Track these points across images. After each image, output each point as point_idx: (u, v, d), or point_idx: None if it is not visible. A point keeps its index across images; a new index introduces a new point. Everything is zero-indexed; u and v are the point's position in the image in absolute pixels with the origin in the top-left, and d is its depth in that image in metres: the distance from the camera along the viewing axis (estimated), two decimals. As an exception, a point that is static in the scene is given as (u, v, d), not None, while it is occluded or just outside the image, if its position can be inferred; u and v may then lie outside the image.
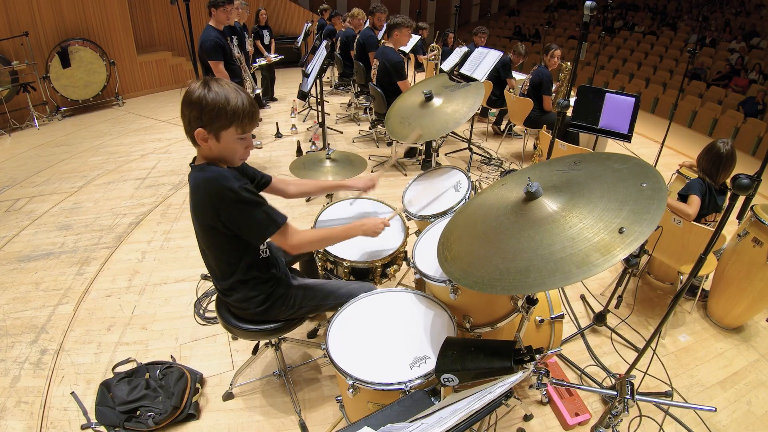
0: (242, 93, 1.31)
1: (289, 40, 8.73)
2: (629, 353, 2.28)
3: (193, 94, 1.26)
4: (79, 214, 3.56)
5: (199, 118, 1.28)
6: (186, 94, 1.29)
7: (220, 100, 1.26)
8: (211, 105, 1.25)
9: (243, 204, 1.32)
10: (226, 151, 1.35)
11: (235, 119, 1.29)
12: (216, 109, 1.26)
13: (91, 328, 2.40)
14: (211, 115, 1.27)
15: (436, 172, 2.34)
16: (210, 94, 1.25)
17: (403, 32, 3.88)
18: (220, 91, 1.26)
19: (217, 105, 1.26)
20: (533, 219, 1.12)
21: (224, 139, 1.32)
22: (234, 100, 1.28)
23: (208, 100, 1.25)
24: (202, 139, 1.31)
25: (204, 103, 1.25)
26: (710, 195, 2.32)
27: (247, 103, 1.30)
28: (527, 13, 15.89)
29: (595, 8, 1.91)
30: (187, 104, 1.28)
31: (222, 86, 1.28)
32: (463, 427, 0.89)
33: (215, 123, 1.28)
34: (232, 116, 1.28)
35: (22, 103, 5.67)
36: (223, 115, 1.27)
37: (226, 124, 1.29)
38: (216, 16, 3.50)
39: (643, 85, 9.13)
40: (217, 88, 1.27)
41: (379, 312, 1.57)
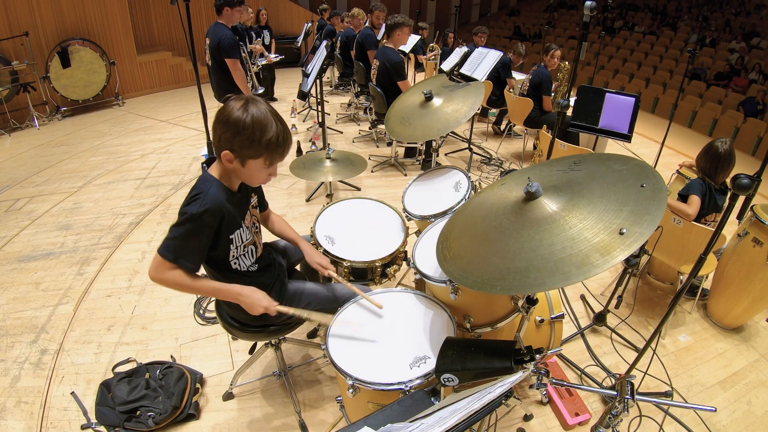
0: (281, 124, 1.28)
1: (289, 40, 8.73)
2: (629, 353, 2.28)
3: (232, 114, 1.22)
4: (79, 214, 3.56)
5: (230, 141, 1.25)
6: (224, 110, 1.24)
7: (256, 130, 1.22)
8: (247, 133, 1.22)
9: (181, 222, 1.29)
10: (247, 176, 1.35)
11: (265, 152, 1.27)
12: (250, 138, 1.23)
13: (91, 328, 2.40)
14: (243, 143, 1.24)
15: (436, 172, 2.34)
16: (248, 120, 1.21)
17: (403, 32, 3.88)
18: (259, 119, 1.23)
19: (252, 135, 1.22)
20: (533, 219, 1.12)
21: (249, 167, 1.30)
22: (270, 132, 1.24)
23: (245, 125, 1.21)
24: (228, 161, 1.29)
25: (239, 127, 1.22)
26: (710, 195, 2.33)
27: (282, 137, 1.28)
28: (527, 13, 15.90)
29: (595, 8, 1.91)
30: (223, 123, 1.24)
31: (262, 112, 1.24)
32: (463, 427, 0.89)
33: (245, 151, 1.26)
34: (264, 149, 1.26)
35: (22, 103, 5.67)
36: (256, 146, 1.25)
37: (255, 154, 1.27)
38: (230, 15, 3.46)
39: (643, 85, 9.14)
40: (256, 113, 1.23)
41: (379, 312, 1.57)
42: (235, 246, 1.43)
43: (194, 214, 1.28)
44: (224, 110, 1.25)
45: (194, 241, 1.32)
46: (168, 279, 1.33)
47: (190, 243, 1.31)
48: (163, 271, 1.31)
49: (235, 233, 1.41)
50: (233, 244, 1.42)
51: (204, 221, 1.30)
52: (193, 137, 5.30)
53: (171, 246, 1.30)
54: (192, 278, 1.35)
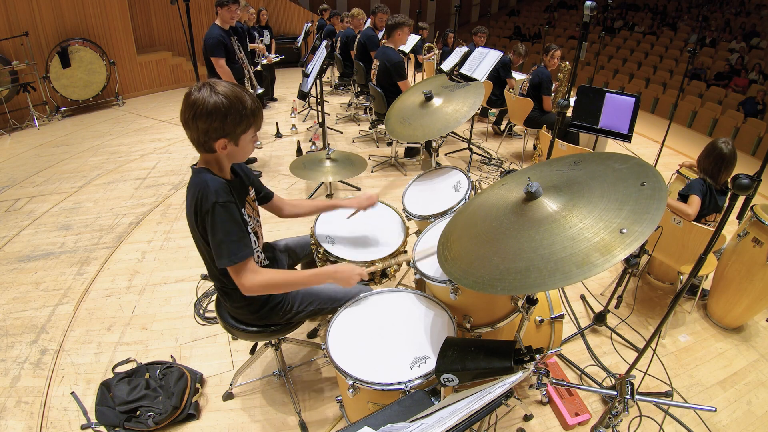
0: (244, 89, 1.28)
1: (289, 40, 8.73)
2: (629, 353, 2.28)
3: (208, 102, 1.20)
4: (79, 214, 3.56)
5: (221, 128, 1.24)
6: (196, 104, 1.21)
7: (237, 104, 1.23)
8: (232, 111, 1.22)
9: (213, 219, 1.28)
10: (240, 153, 1.35)
11: (253, 120, 1.28)
12: (239, 114, 1.23)
13: (91, 328, 2.40)
14: (234, 122, 1.24)
15: (436, 172, 2.34)
16: (226, 100, 1.21)
17: (403, 32, 3.88)
18: (232, 94, 1.22)
19: (237, 110, 1.22)
20: (533, 219, 1.12)
21: (242, 143, 1.31)
22: (248, 100, 1.25)
23: (227, 106, 1.21)
24: (222, 148, 1.28)
25: (224, 110, 1.21)
26: (711, 195, 2.32)
27: (255, 100, 1.29)
28: (527, 13, 15.90)
29: (595, 8, 1.91)
30: (205, 116, 1.21)
31: (227, 87, 1.24)
32: (463, 427, 0.89)
33: (237, 129, 1.26)
34: (252, 118, 1.27)
35: (22, 103, 5.67)
36: (244, 119, 1.25)
37: (246, 127, 1.28)
38: (221, 15, 3.56)
39: (643, 85, 9.14)
40: (225, 91, 1.22)
41: (379, 312, 1.57)
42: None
43: (215, 202, 1.28)
44: (195, 104, 1.22)
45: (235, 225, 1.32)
46: (261, 282, 1.34)
47: (235, 229, 1.31)
48: (251, 275, 1.32)
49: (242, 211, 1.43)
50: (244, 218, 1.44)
51: (226, 200, 1.30)
52: (193, 137, 5.29)
53: (228, 249, 1.29)
54: (283, 274, 1.41)
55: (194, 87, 1.24)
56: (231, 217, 1.31)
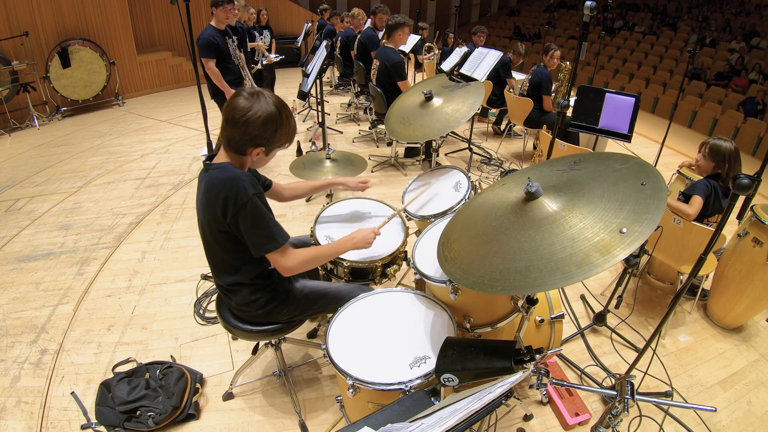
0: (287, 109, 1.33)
1: (289, 40, 8.73)
2: (629, 353, 2.28)
3: (265, 112, 1.25)
4: (79, 214, 3.56)
5: (270, 137, 1.29)
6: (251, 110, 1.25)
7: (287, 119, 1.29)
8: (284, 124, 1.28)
9: (252, 211, 1.32)
10: (264, 162, 1.40)
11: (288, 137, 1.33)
12: (288, 127, 1.29)
13: (91, 328, 2.40)
14: (282, 134, 1.30)
15: (436, 172, 2.34)
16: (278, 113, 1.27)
17: (403, 32, 3.88)
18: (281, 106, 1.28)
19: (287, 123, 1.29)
20: (533, 219, 1.12)
21: (271, 155, 1.36)
22: (292, 117, 1.31)
23: (281, 118, 1.27)
24: (255, 154, 1.32)
25: (278, 123, 1.27)
26: (716, 197, 2.32)
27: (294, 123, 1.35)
28: (527, 13, 15.90)
29: (595, 8, 1.92)
30: (261, 124, 1.26)
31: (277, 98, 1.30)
32: (463, 427, 0.89)
33: (278, 143, 1.31)
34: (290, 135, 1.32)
35: (22, 103, 5.67)
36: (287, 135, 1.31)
37: (285, 141, 1.33)
38: (216, 15, 3.56)
39: (643, 85, 9.14)
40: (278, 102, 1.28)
41: (379, 312, 1.57)
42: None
43: (253, 194, 1.32)
44: (251, 110, 1.26)
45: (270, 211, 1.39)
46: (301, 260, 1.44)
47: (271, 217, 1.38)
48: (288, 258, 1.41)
49: None
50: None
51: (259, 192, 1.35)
52: (193, 137, 5.30)
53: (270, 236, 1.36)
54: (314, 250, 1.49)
55: (246, 92, 1.29)
56: (267, 207, 1.38)
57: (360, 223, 2.04)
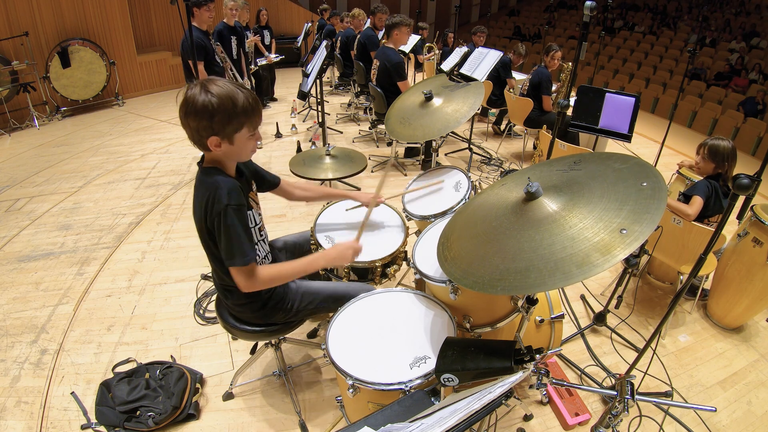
0: (242, 88, 1.27)
1: (289, 40, 8.73)
2: (629, 353, 2.28)
3: (197, 101, 1.21)
4: (79, 214, 3.56)
5: (210, 126, 1.24)
6: (187, 102, 1.23)
7: (227, 103, 1.21)
8: (220, 110, 1.21)
9: (223, 220, 1.30)
10: (239, 151, 1.35)
11: (246, 119, 1.26)
12: (226, 113, 1.22)
13: (91, 328, 2.40)
14: (223, 121, 1.23)
15: (436, 172, 2.34)
16: (215, 99, 1.20)
17: (402, 31, 3.88)
18: (224, 93, 1.21)
19: (226, 109, 1.21)
20: (533, 219, 1.12)
21: (237, 141, 1.30)
22: (240, 99, 1.24)
23: (215, 105, 1.20)
24: (216, 146, 1.28)
25: (212, 109, 1.21)
26: (716, 197, 2.32)
27: (251, 99, 1.27)
28: (527, 13, 15.90)
29: (595, 8, 1.92)
30: (194, 114, 1.22)
31: (221, 86, 1.23)
32: (463, 427, 0.89)
33: (227, 128, 1.25)
34: (243, 117, 1.25)
35: (22, 103, 5.67)
36: (234, 118, 1.24)
37: (238, 126, 1.27)
38: (198, 15, 3.51)
39: (643, 85, 9.14)
40: (217, 90, 1.21)
41: (379, 312, 1.57)
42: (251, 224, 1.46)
43: (227, 204, 1.29)
44: (187, 102, 1.23)
45: (244, 229, 1.34)
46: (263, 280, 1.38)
47: (244, 234, 1.34)
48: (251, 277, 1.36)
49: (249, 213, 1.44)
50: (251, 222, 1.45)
51: (238, 203, 1.32)
52: (193, 137, 5.30)
53: (236, 251, 1.32)
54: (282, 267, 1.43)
55: (190, 85, 1.25)
56: (242, 221, 1.34)
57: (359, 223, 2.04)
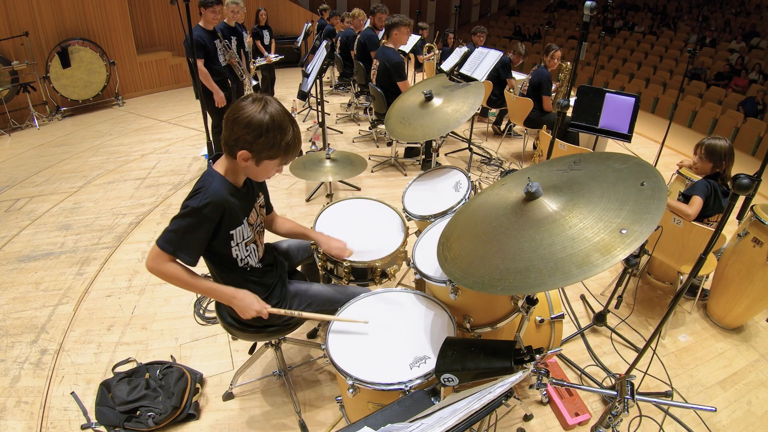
0: (295, 125, 1.31)
1: (289, 40, 8.73)
2: (629, 353, 2.28)
3: (254, 116, 1.24)
4: (79, 214, 3.56)
5: (251, 142, 1.27)
6: (242, 111, 1.25)
7: (277, 133, 1.25)
8: (269, 136, 1.25)
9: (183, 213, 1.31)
10: (259, 173, 1.37)
11: (283, 154, 1.30)
12: (271, 141, 1.26)
13: (91, 328, 2.40)
14: (264, 145, 1.27)
15: (436, 172, 2.34)
16: (269, 122, 1.24)
17: (402, 31, 3.88)
18: (279, 121, 1.26)
19: (273, 138, 1.26)
20: (533, 219, 1.12)
21: (264, 166, 1.33)
22: (289, 135, 1.28)
23: (268, 129, 1.24)
24: (243, 159, 1.30)
25: (262, 131, 1.24)
26: (716, 197, 2.32)
27: (298, 138, 1.31)
28: (527, 13, 15.90)
29: (595, 8, 1.92)
30: (244, 125, 1.25)
31: (280, 113, 1.27)
32: (463, 427, 0.89)
33: (264, 153, 1.28)
34: (283, 151, 1.29)
35: (22, 103, 5.67)
36: (276, 148, 1.28)
37: (273, 155, 1.30)
38: (205, 16, 3.54)
39: (643, 85, 9.14)
40: (275, 114, 1.26)
41: (379, 312, 1.57)
42: (235, 243, 1.44)
43: (196, 207, 1.29)
44: (243, 111, 1.26)
45: (194, 234, 1.33)
46: (165, 271, 1.36)
47: (190, 236, 1.33)
48: (160, 263, 1.34)
49: (236, 230, 1.42)
50: (233, 240, 1.43)
51: (205, 215, 1.31)
52: (193, 137, 5.30)
53: (171, 238, 1.32)
54: (189, 274, 1.38)
55: (252, 96, 1.29)
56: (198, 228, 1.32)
57: (359, 224, 2.04)
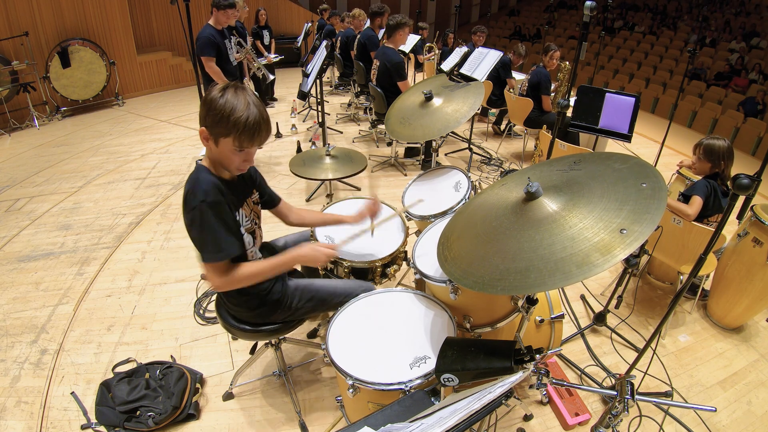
0: (255, 109, 1.29)
1: (289, 40, 8.73)
2: (629, 353, 2.28)
3: (209, 94, 1.30)
4: (79, 214, 3.56)
5: (204, 117, 1.31)
6: (206, 93, 1.33)
7: (226, 108, 1.26)
8: (216, 110, 1.27)
9: (199, 216, 1.31)
10: (222, 157, 1.36)
11: (233, 131, 1.28)
12: (218, 115, 1.27)
13: (91, 328, 2.40)
14: (213, 119, 1.28)
15: (436, 172, 2.34)
16: (220, 100, 1.26)
17: (404, 32, 3.89)
18: (231, 101, 1.27)
19: (220, 112, 1.26)
20: (533, 219, 1.12)
21: (221, 146, 1.33)
22: (239, 113, 1.26)
23: (216, 104, 1.27)
24: (204, 138, 1.34)
25: (211, 105, 1.28)
26: (715, 197, 2.32)
27: (252, 120, 1.28)
28: (527, 13, 15.90)
29: (595, 8, 1.92)
30: (202, 103, 1.32)
31: (237, 96, 1.28)
32: (463, 427, 0.89)
33: (215, 128, 1.30)
34: (232, 128, 1.28)
35: (22, 103, 5.67)
36: (223, 123, 1.28)
37: (224, 132, 1.30)
38: (216, 16, 3.55)
39: (643, 85, 9.13)
40: (230, 97, 1.27)
41: (379, 312, 1.57)
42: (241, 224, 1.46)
43: (202, 201, 1.31)
44: (207, 92, 1.33)
45: (222, 225, 1.34)
46: (236, 278, 1.38)
47: (220, 229, 1.34)
48: (223, 274, 1.36)
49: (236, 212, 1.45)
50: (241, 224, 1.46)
51: (214, 200, 1.33)
52: (193, 137, 5.30)
53: (208, 248, 1.33)
54: (254, 265, 1.41)
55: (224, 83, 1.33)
56: (218, 216, 1.34)
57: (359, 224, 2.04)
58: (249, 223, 1.51)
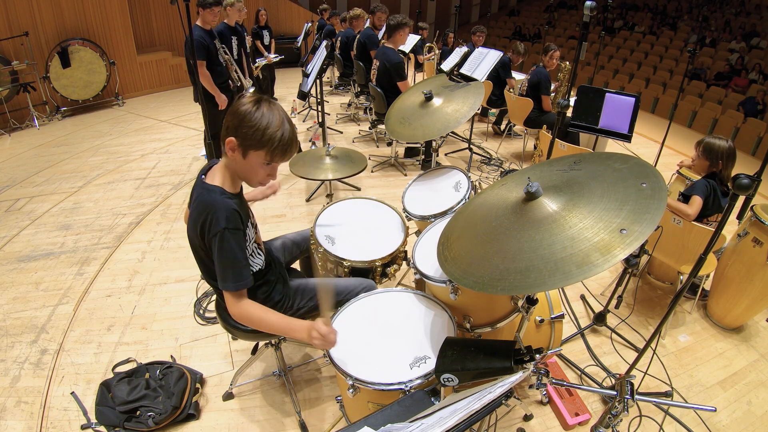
0: (288, 126, 1.31)
1: (289, 40, 8.73)
2: (629, 353, 2.28)
3: (242, 105, 1.28)
4: (79, 214, 3.56)
5: (236, 128, 1.29)
6: (237, 102, 1.31)
7: (262, 122, 1.26)
8: (251, 124, 1.26)
9: (219, 244, 1.31)
10: (248, 169, 1.36)
11: (267, 145, 1.29)
12: (252, 128, 1.27)
13: (91, 328, 2.40)
14: (247, 132, 1.28)
15: (436, 172, 2.34)
16: (256, 114, 1.26)
17: (405, 32, 3.89)
18: (267, 115, 1.27)
19: (255, 125, 1.26)
20: (533, 219, 1.12)
21: (250, 158, 1.32)
22: (275, 128, 1.28)
23: (251, 117, 1.26)
24: (230, 149, 1.32)
25: (245, 118, 1.26)
26: (715, 197, 2.32)
27: (286, 137, 1.30)
28: (527, 13, 15.90)
29: (595, 8, 1.92)
30: (232, 113, 1.29)
31: (272, 111, 1.28)
32: (463, 427, 0.89)
33: (247, 140, 1.29)
34: (267, 142, 1.29)
35: (22, 103, 5.67)
36: (257, 137, 1.28)
37: (257, 145, 1.30)
38: (203, 16, 3.50)
39: (643, 85, 9.14)
40: (266, 110, 1.27)
41: (379, 312, 1.57)
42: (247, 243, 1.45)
43: (225, 227, 1.30)
44: (237, 102, 1.31)
45: (242, 250, 1.36)
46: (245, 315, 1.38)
47: (241, 255, 1.35)
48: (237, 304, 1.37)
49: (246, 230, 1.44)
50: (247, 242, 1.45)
51: (235, 227, 1.33)
52: (193, 137, 5.30)
53: (232, 274, 1.33)
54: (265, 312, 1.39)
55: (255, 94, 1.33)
56: (238, 244, 1.35)
57: (360, 224, 2.04)
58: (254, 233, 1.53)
